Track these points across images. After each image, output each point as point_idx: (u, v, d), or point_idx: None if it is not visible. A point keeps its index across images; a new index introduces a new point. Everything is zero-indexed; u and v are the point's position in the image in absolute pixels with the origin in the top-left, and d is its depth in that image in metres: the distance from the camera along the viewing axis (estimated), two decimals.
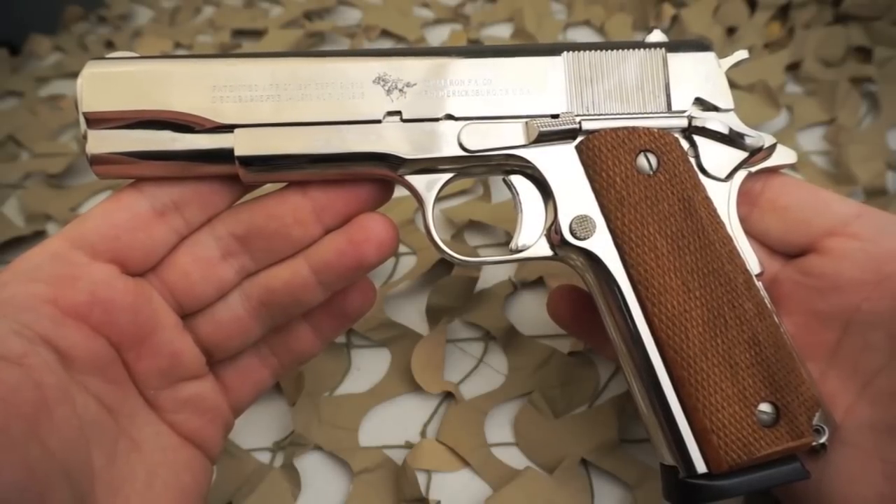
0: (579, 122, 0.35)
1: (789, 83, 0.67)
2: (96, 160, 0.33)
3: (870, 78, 0.65)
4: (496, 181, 0.59)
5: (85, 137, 0.33)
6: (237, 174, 0.34)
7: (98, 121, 0.33)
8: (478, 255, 0.54)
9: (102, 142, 0.33)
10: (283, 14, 0.80)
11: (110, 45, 0.79)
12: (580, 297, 0.43)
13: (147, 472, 0.33)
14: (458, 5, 0.80)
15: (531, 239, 0.36)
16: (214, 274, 0.35)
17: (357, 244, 0.35)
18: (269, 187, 0.36)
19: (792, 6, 0.72)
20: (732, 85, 0.37)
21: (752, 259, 0.35)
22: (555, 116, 0.35)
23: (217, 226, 0.35)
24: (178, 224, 0.34)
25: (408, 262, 0.55)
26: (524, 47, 0.37)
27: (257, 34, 0.78)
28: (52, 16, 0.81)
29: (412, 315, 0.52)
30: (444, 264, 0.53)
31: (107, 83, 0.33)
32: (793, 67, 0.68)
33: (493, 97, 0.35)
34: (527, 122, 0.35)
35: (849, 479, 0.34)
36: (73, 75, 0.76)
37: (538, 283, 0.53)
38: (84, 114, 0.33)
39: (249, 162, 0.33)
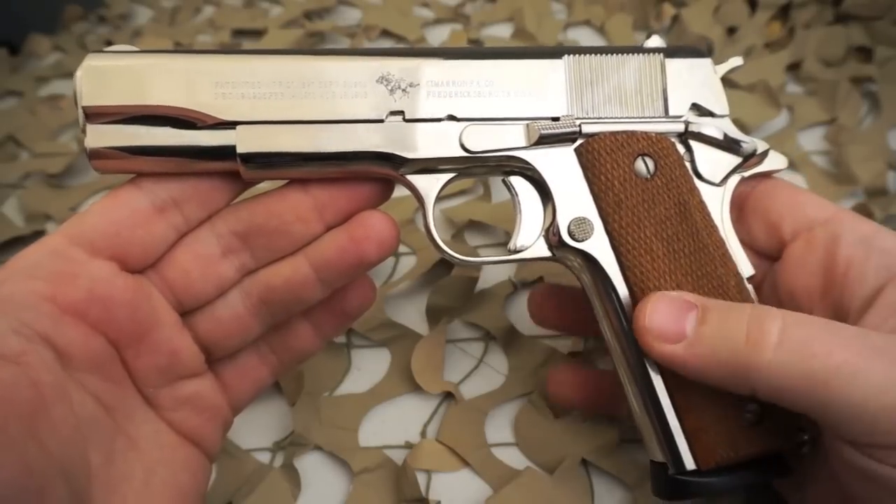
0: (579, 126, 0.35)
1: (790, 83, 0.67)
2: (95, 155, 0.33)
3: (870, 78, 0.65)
4: (497, 181, 0.59)
5: (84, 132, 0.33)
6: (237, 171, 0.34)
7: (97, 115, 0.33)
8: (478, 255, 0.54)
9: (101, 136, 0.33)
10: (283, 14, 0.80)
11: (110, 45, 0.79)
12: (559, 294, 0.43)
13: (145, 471, 0.33)
14: (458, 5, 0.80)
15: (529, 240, 0.37)
16: (214, 271, 0.35)
17: (358, 241, 0.35)
18: (267, 185, 0.36)
19: (792, 6, 0.72)
20: (733, 85, 0.37)
21: (743, 262, 0.36)
22: (555, 119, 0.35)
23: (217, 223, 0.35)
24: (177, 221, 0.34)
25: (408, 262, 0.55)
26: (526, 50, 0.37)
27: (257, 34, 0.78)
28: (52, 15, 0.81)
29: (412, 315, 0.52)
30: (444, 264, 0.53)
31: (106, 77, 0.33)
32: (793, 67, 0.68)
33: (495, 99, 0.35)
34: (528, 125, 0.35)
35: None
36: (73, 75, 0.76)
37: (538, 283, 0.53)
38: (83, 108, 0.33)
39: (251, 159, 0.33)
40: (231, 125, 0.33)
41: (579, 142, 0.35)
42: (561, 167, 0.35)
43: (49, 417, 0.28)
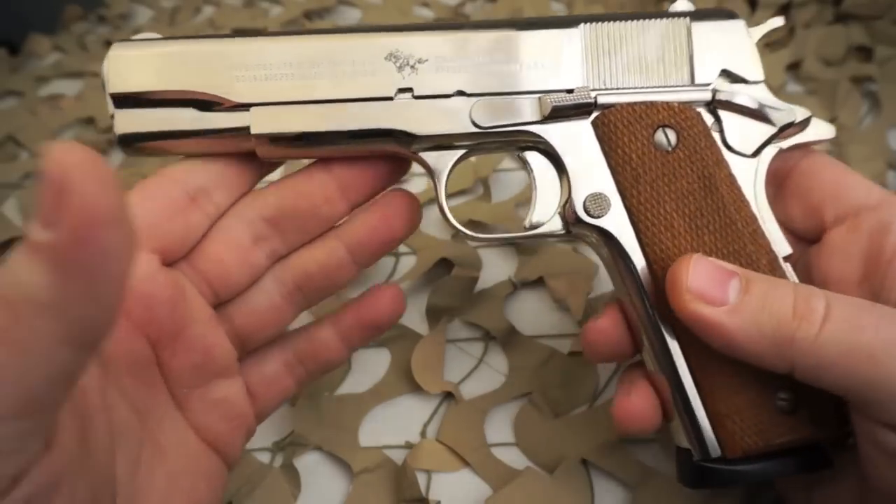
0: (595, 97, 0.34)
1: (790, 82, 0.67)
2: (124, 139, 0.34)
3: (870, 77, 0.65)
4: (496, 180, 0.59)
5: (112, 118, 0.34)
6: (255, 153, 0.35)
7: (124, 101, 0.34)
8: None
9: (129, 121, 0.34)
10: (283, 14, 0.80)
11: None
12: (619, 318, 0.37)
13: (167, 481, 0.32)
14: (458, 5, 0.80)
15: (545, 216, 0.36)
16: (247, 259, 0.35)
17: (388, 219, 0.36)
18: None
19: (792, 5, 0.72)
20: None
21: (779, 240, 0.34)
22: (570, 91, 0.34)
23: (245, 210, 0.35)
24: (209, 208, 0.34)
25: (408, 262, 0.55)
26: (539, 20, 0.36)
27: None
28: (52, 15, 0.81)
29: (412, 315, 0.51)
30: (444, 264, 0.53)
31: (132, 64, 0.34)
32: (793, 67, 0.68)
33: (507, 72, 0.34)
34: (540, 98, 0.34)
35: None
36: (73, 75, 0.76)
37: (538, 283, 0.53)
38: (111, 94, 0.34)
39: (265, 140, 0.34)
40: (246, 107, 0.34)
41: (595, 114, 0.34)
42: (577, 141, 0.34)
43: (94, 427, 0.27)
